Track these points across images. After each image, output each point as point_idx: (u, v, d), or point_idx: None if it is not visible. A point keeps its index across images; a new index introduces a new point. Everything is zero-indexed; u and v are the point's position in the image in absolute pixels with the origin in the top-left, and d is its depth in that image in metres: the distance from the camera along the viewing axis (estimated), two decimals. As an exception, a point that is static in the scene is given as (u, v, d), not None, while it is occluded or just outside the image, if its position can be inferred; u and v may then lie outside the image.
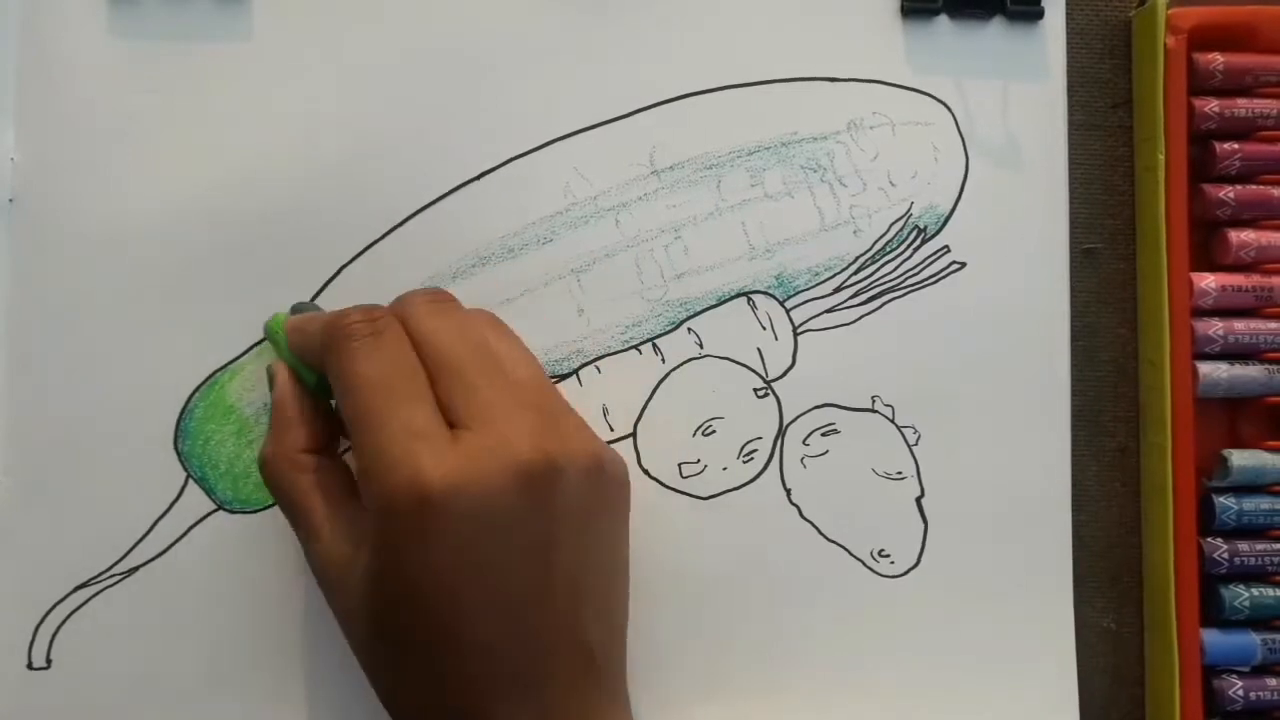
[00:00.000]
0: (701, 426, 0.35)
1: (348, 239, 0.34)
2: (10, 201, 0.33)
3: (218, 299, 0.34)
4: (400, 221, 0.34)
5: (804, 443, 0.35)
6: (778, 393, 0.35)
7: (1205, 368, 0.35)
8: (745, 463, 0.35)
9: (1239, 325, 0.35)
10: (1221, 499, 0.35)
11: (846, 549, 0.35)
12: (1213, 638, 0.34)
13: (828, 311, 0.35)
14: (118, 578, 0.33)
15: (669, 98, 0.35)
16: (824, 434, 0.35)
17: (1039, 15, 0.35)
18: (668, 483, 0.34)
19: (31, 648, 0.33)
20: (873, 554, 0.35)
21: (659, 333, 0.35)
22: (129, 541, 0.33)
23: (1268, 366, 0.35)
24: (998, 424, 0.35)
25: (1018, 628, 0.35)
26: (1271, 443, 0.35)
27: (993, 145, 0.35)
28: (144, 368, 0.33)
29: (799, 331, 0.35)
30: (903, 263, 0.35)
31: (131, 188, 0.34)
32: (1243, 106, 0.35)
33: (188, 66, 0.34)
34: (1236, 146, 0.35)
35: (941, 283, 0.35)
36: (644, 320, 0.35)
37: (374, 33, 0.34)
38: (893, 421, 0.35)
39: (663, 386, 0.35)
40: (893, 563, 0.35)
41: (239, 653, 0.33)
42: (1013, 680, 0.35)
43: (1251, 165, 0.35)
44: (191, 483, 0.33)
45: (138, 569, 0.33)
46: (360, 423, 0.27)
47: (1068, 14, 0.36)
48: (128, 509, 0.33)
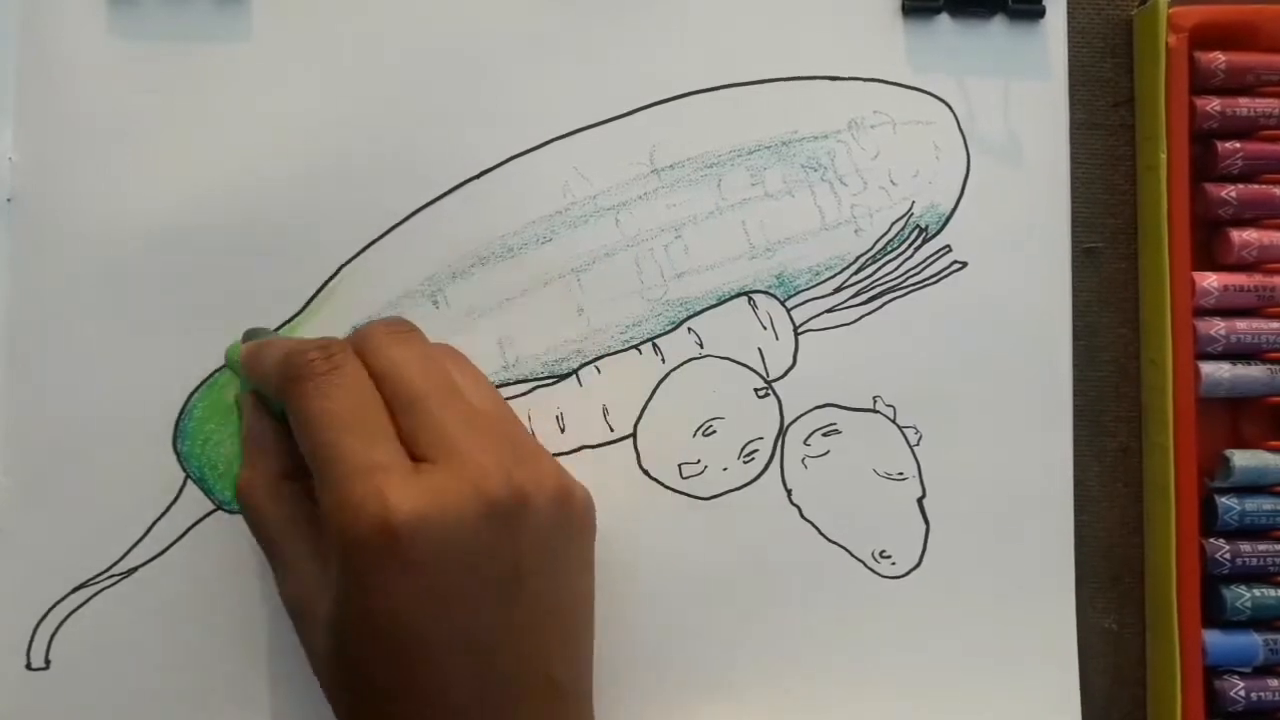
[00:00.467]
0: (702, 427, 0.35)
1: (347, 238, 0.34)
2: (9, 201, 0.33)
3: (217, 299, 0.34)
4: (400, 221, 0.34)
5: (805, 443, 0.35)
6: (778, 393, 0.35)
7: (1207, 368, 0.35)
8: (746, 463, 0.35)
9: (1241, 325, 0.35)
10: (1224, 499, 0.35)
11: (847, 549, 0.35)
12: (1214, 638, 0.34)
13: (828, 311, 0.35)
14: (117, 578, 0.33)
15: (669, 97, 0.35)
16: (825, 434, 0.35)
17: (1040, 14, 0.35)
18: (668, 483, 0.34)
19: (30, 648, 0.33)
20: (874, 554, 0.35)
21: (659, 332, 0.35)
22: (128, 542, 0.33)
23: (1270, 366, 0.35)
24: (999, 424, 0.35)
25: (1019, 628, 0.35)
26: (1274, 443, 0.35)
27: (994, 144, 0.35)
28: (143, 368, 0.33)
29: (800, 331, 0.35)
30: (904, 262, 0.35)
31: (131, 187, 0.34)
32: (1245, 106, 0.35)
33: (187, 66, 0.34)
34: (1238, 146, 0.35)
35: (943, 282, 0.35)
36: (644, 320, 0.35)
37: (373, 33, 0.34)
38: (894, 422, 0.35)
39: (663, 386, 0.34)
40: (894, 563, 0.35)
41: (238, 653, 0.33)
42: (1014, 681, 0.35)
43: (1254, 164, 0.35)
44: (190, 483, 0.33)
45: (136, 569, 0.33)
46: (321, 461, 0.27)
47: (1069, 12, 0.36)
48: (126, 509, 0.33)
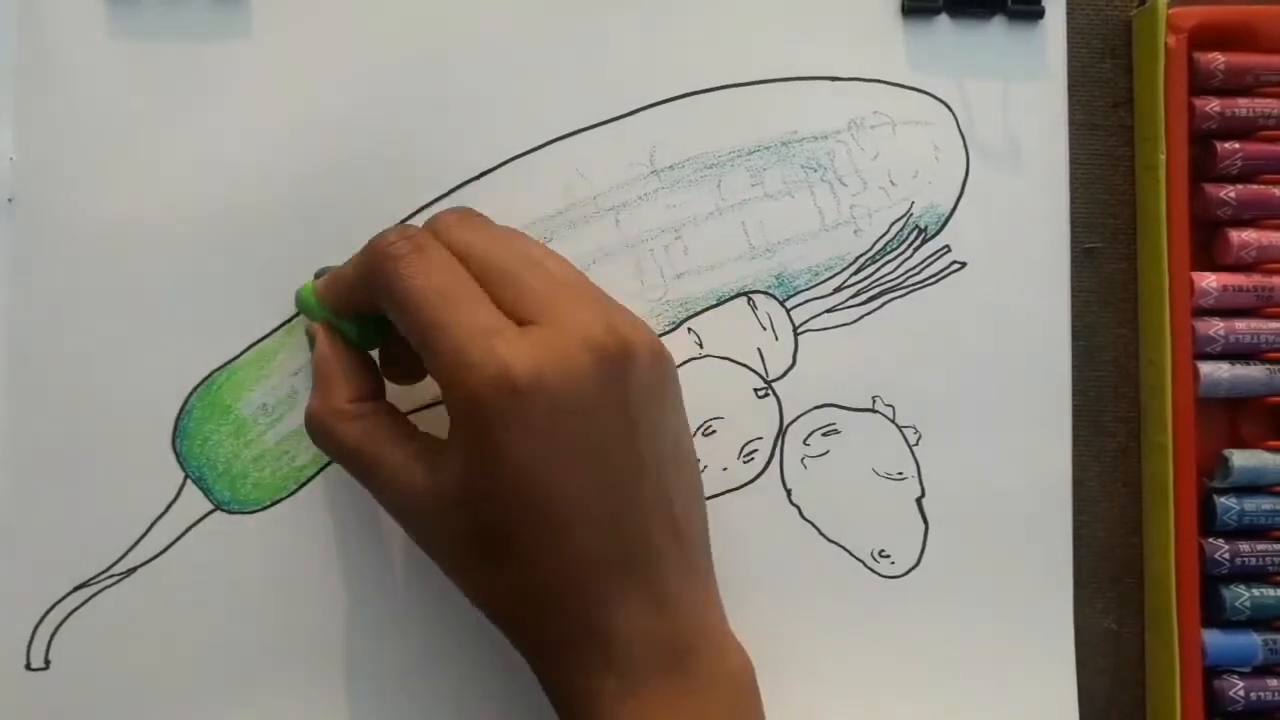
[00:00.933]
0: (702, 427, 0.35)
1: (346, 239, 0.34)
2: (9, 201, 0.33)
3: (216, 299, 0.34)
4: (400, 221, 0.34)
5: (804, 443, 0.35)
6: (778, 393, 0.35)
7: (1206, 368, 0.35)
8: (745, 463, 0.35)
9: (1240, 325, 0.35)
10: (1223, 499, 0.35)
11: (847, 549, 0.35)
12: (1214, 638, 0.34)
13: (828, 311, 0.35)
14: (116, 578, 0.33)
15: (669, 97, 0.35)
16: (824, 434, 0.35)
17: (1040, 14, 0.35)
18: (668, 483, 0.34)
19: (30, 648, 0.33)
20: (873, 554, 0.35)
21: (659, 333, 0.35)
22: (127, 542, 0.33)
23: (1269, 366, 0.35)
24: (998, 424, 0.35)
25: (1018, 628, 0.35)
26: (1273, 443, 0.35)
27: (993, 145, 0.35)
28: (142, 368, 0.33)
29: (799, 331, 0.35)
30: (903, 262, 0.35)
31: (130, 188, 0.34)
32: (1244, 106, 0.35)
33: (187, 66, 0.34)
34: (1237, 146, 0.35)
35: (942, 282, 0.35)
36: (644, 320, 0.35)
37: (373, 33, 0.34)
38: (893, 421, 0.35)
39: (663, 386, 0.34)
40: (893, 563, 0.35)
41: (237, 653, 0.33)
42: (1013, 681, 0.35)
43: (1252, 165, 0.35)
44: (189, 483, 0.33)
45: (136, 569, 0.33)
46: (428, 333, 0.27)
47: (1068, 13, 0.36)
48: (126, 509, 0.33)
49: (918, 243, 0.35)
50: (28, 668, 0.33)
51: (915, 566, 0.35)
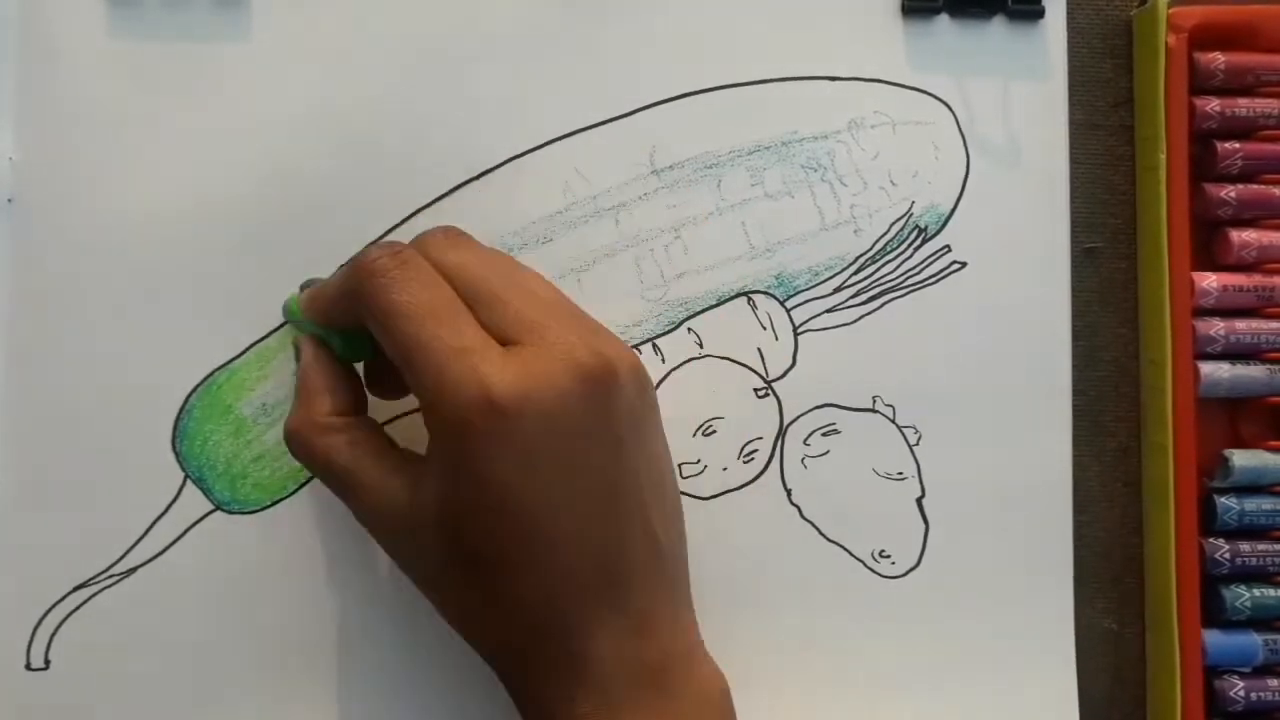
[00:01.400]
0: (701, 427, 0.35)
1: (347, 239, 0.34)
2: (9, 201, 0.33)
3: (216, 299, 0.34)
4: (399, 222, 0.34)
5: (804, 443, 0.35)
6: (778, 393, 0.35)
7: (1207, 367, 0.35)
8: (745, 463, 0.35)
9: (1240, 325, 0.35)
10: (1223, 499, 0.35)
11: (847, 549, 0.35)
12: (1214, 638, 0.34)
13: (828, 311, 0.35)
14: (116, 578, 0.33)
15: (669, 97, 0.35)
16: (824, 434, 0.35)
17: (1040, 14, 0.35)
18: (668, 483, 0.34)
19: (30, 648, 0.33)
20: (873, 554, 0.35)
21: (659, 333, 0.35)
22: (127, 542, 0.33)
23: (1269, 366, 0.35)
24: (999, 424, 0.35)
25: (1018, 628, 0.35)
26: (1273, 443, 0.35)
27: (993, 144, 0.35)
28: (142, 368, 0.33)
29: (799, 331, 0.35)
30: (903, 262, 0.35)
31: (130, 188, 0.34)
32: (1244, 106, 0.35)
33: (187, 66, 0.34)
34: (1238, 146, 0.35)
35: (942, 282, 0.35)
36: (644, 320, 0.35)
37: (372, 33, 0.34)
38: (893, 421, 0.35)
39: (662, 386, 0.34)
40: (893, 563, 0.35)
41: (237, 653, 0.33)
42: (1013, 681, 0.35)
43: (1253, 165, 0.35)
44: (189, 483, 0.33)
45: (136, 569, 0.33)
46: (411, 351, 0.27)
47: (1069, 13, 0.36)
48: (126, 509, 0.33)
49: (918, 243, 0.35)
50: (28, 668, 0.33)
51: (915, 566, 0.35)
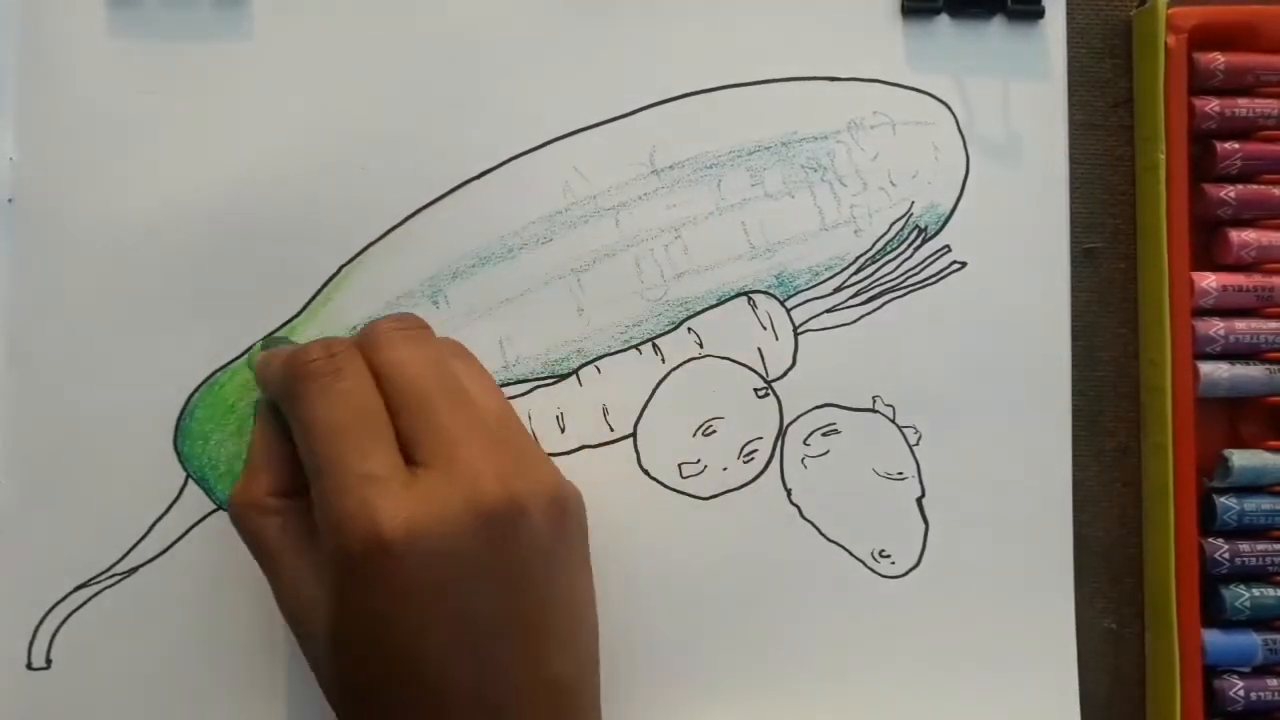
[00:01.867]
0: (702, 426, 0.35)
1: (347, 239, 0.34)
2: (9, 201, 0.33)
3: (218, 299, 0.34)
4: (400, 221, 0.34)
5: (804, 443, 0.35)
6: (778, 393, 0.35)
7: (1206, 367, 0.35)
8: (745, 463, 0.35)
9: (1240, 325, 0.35)
10: (1223, 499, 0.35)
11: (847, 549, 0.35)
12: (1214, 638, 0.34)
13: (828, 311, 0.35)
14: (117, 578, 0.33)
15: (669, 97, 0.35)
16: (824, 434, 0.35)
17: (1039, 14, 0.35)
18: (668, 483, 0.34)
19: (31, 648, 0.33)
20: (873, 554, 0.35)
21: (659, 333, 0.35)
22: (129, 541, 0.33)
23: (1269, 366, 0.35)
24: (998, 424, 0.35)
25: (1018, 628, 0.35)
26: (1272, 443, 0.35)
27: (993, 145, 0.35)
28: (144, 368, 0.33)
29: (799, 331, 0.35)
30: (903, 262, 0.35)
31: (131, 188, 0.34)
32: (1244, 106, 0.35)
33: (188, 66, 0.34)
34: (1237, 146, 0.35)
35: (942, 282, 0.35)
36: (644, 320, 0.35)
37: (373, 33, 0.34)
38: (893, 421, 0.35)
39: (663, 386, 0.35)
40: (893, 563, 0.35)
41: (238, 652, 0.33)
42: (1013, 681, 0.35)
43: (1252, 165, 0.35)
44: (191, 483, 0.33)
45: (137, 569, 0.33)
46: (318, 470, 0.27)
47: (1068, 13, 0.36)
48: (127, 509, 0.33)
49: (918, 243, 0.35)
50: (29, 667, 0.33)
51: (915, 566, 0.35)
